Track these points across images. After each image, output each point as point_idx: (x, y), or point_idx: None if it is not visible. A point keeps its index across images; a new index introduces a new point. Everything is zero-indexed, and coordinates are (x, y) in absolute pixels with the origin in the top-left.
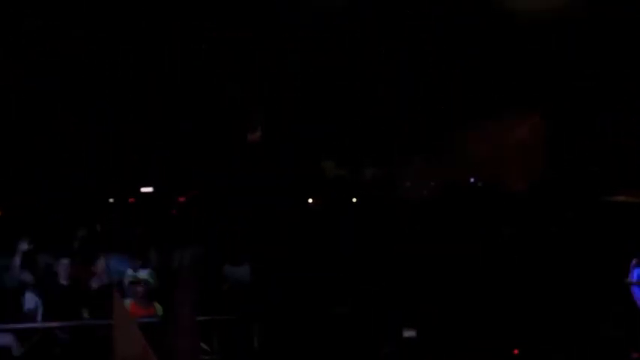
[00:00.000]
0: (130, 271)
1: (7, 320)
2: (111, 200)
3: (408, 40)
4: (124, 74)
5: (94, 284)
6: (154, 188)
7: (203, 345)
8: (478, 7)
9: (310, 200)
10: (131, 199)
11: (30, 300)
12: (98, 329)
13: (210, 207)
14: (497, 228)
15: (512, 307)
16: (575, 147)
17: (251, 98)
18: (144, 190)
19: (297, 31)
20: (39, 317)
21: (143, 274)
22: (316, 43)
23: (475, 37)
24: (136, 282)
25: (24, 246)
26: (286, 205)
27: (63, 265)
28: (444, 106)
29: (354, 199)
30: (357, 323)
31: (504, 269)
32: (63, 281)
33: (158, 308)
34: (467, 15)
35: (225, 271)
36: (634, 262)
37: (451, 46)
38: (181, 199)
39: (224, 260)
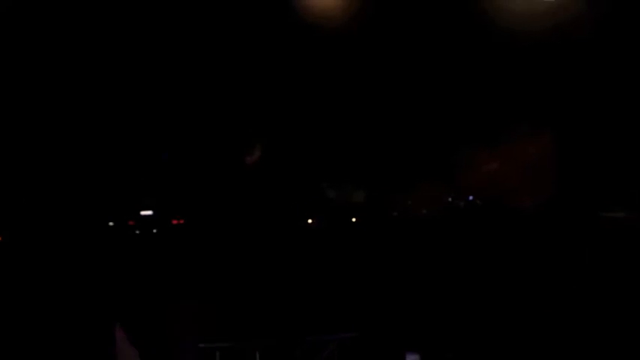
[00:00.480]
0: None
1: None
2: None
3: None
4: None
5: None
6: (154, 212)
7: None
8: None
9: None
10: (131, 222)
11: None
12: None
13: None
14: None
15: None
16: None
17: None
18: (144, 213)
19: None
20: None
21: None
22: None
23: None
24: None
25: None
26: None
27: None
28: (443, 124)
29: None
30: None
31: (506, 286)
32: None
33: None
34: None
35: None
36: None
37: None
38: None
39: None
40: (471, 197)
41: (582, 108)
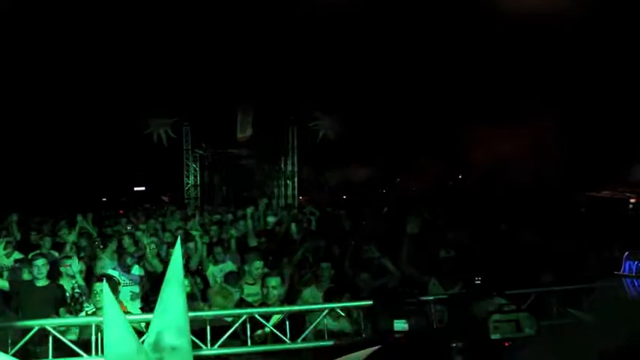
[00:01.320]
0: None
1: None
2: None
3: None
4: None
5: None
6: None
7: None
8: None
9: None
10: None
11: None
12: None
13: None
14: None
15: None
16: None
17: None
18: (137, 189)
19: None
20: None
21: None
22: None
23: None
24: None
25: None
26: None
27: None
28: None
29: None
30: None
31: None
32: None
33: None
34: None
35: None
36: (625, 255)
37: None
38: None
39: None
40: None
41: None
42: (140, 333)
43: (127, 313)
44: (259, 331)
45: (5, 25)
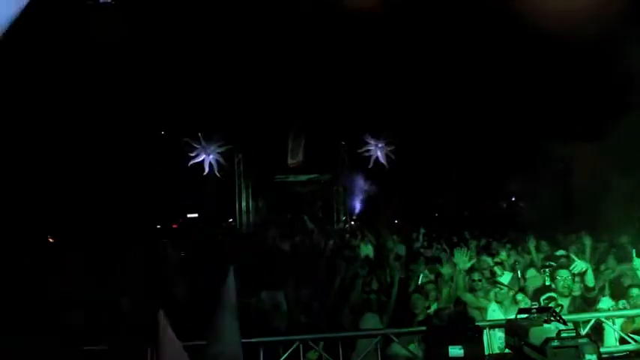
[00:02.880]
0: None
1: None
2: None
3: None
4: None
5: None
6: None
7: None
8: None
9: None
10: (174, 225)
11: None
12: None
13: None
14: None
15: None
16: None
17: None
18: (190, 215)
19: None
20: None
21: None
22: None
23: None
24: None
25: None
26: None
27: None
28: None
29: None
30: None
31: None
32: None
33: None
34: None
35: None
36: None
37: None
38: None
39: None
40: None
41: None
42: None
43: None
44: (311, 352)
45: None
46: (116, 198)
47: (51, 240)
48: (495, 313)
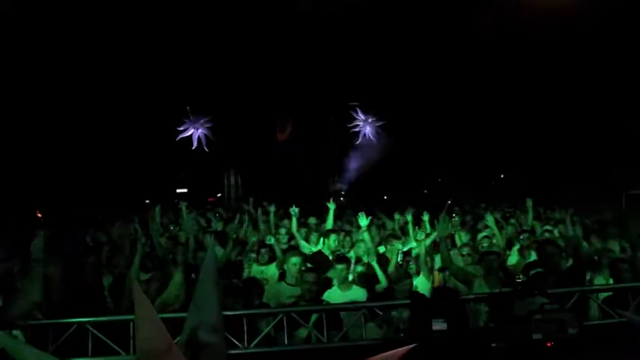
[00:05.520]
0: None
1: None
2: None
3: None
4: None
5: None
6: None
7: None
8: None
9: None
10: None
11: None
12: None
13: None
14: None
15: None
16: None
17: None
18: (179, 191)
19: None
20: None
21: None
22: None
23: None
24: None
25: None
26: None
27: None
28: None
29: None
30: None
31: None
32: None
33: None
34: None
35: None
36: None
37: None
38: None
39: None
40: None
41: None
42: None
43: None
44: (301, 330)
45: (49, 27)
46: (106, 172)
47: (39, 215)
48: (481, 287)
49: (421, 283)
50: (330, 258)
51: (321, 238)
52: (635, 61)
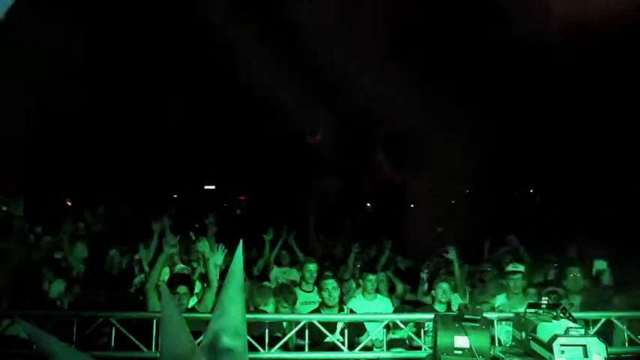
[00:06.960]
0: None
1: None
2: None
3: None
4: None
5: None
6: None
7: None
8: None
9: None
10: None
11: None
12: None
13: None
14: None
15: None
16: None
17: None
18: (207, 187)
19: None
20: None
21: None
22: None
23: None
24: None
25: None
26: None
27: None
28: None
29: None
30: None
31: None
32: None
33: None
34: None
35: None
36: None
37: None
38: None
39: None
40: None
41: None
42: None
43: None
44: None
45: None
46: (135, 165)
47: (69, 203)
48: (505, 306)
49: None
50: None
51: None
52: None
